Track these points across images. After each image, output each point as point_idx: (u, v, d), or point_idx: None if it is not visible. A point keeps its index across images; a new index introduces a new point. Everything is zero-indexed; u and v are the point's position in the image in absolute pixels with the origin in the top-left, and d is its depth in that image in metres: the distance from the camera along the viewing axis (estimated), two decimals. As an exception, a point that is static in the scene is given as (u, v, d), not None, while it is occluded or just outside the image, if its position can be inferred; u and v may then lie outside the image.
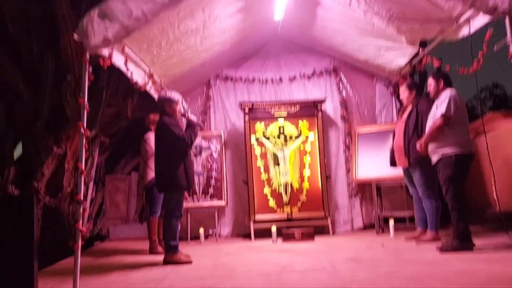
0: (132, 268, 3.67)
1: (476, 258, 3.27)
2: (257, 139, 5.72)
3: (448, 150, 3.70)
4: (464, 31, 3.85)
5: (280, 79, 6.20)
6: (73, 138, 4.95)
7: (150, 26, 3.49)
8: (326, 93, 6.06)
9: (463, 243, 3.55)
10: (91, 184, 5.43)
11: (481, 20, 3.55)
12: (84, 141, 3.08)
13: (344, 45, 5.58)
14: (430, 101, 4.42)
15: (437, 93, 3.92)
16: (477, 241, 3.63)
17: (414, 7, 3.82)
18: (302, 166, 5.69)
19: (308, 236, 4.95)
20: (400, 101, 4.86)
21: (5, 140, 4.82)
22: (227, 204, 5.71)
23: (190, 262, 3.77)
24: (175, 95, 4.05)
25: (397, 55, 5.03)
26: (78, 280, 2.75)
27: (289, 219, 5.47)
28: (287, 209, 5.56)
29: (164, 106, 4.00)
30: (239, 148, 5.86)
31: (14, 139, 4.95)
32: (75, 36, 3.19)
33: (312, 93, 6.09)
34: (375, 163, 5.66)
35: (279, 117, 5.74)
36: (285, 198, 5.59)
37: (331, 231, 5.38)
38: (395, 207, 5.58)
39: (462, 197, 3.66)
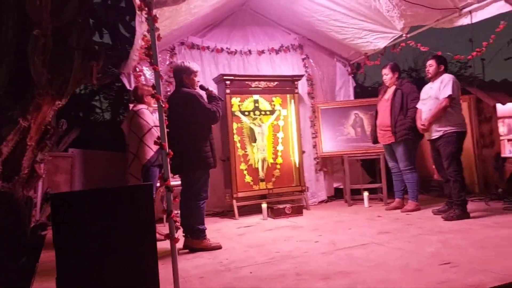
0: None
1: (483, 223, 3.77)
2: (233, 114, 5.50)
3: (450, 128, 4.12)
4: (460, 21, 4.27)
5: (249, 51, 6.02)
6: (39, 109, 4.09)
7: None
8: (294, 69, 6.11)
9: (464, 212, 4.04)
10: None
11: (484, 13, 3.97)
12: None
13: (315, 23, 5.66)
14: (413, 83, 4.85)
15: (436, 75, 4.29)
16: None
17: (427, -6, 4.07)
18: (275, 141, 5.69)
19: (298, 211, 5.04)
20: (382, 81, 5.15)
21: None
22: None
23: (220, 247, 3.54)
24: (194, 65, 3.67)
25: (378, 38, 5.31)
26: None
27: (263, 196, 5.46)
28: (262, 185, 5.53)
29: (183, 77, 3.59)
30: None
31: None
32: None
33: (281, 69, 6.07)
34: (337, 138, 6.03)
35: (255, 92, 5.59)
36: (261, 174, 5.55)
37: (308, 205, 5.56)
38: (352, 181, 5.98)
39: (462, 171, 4.14)
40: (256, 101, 5.61)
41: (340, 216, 4.81)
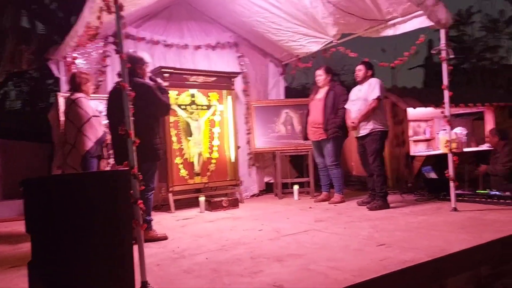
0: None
1: (401, 212, 4.29)
2: (169, 107, 5.47)
3: (376, 127, 4.60)
4: (386, 32, 4.78)
5: (186, 46, 6.04)
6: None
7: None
8: (229, 67, 6.26)
9: (386, 203, 4.54)
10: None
11: (407, 26, 4.50)
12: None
13: (253, 23, 5.88)
14: (343, 86, 5.31)
15: (365, 79, 4.75)
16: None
17: (359, 5, 4.50)
18: (211, 136, 5.79)
19: (234, 203, 5.21)
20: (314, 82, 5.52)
21: None
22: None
23: (166, 238, 3.57)
24: (146, 56, 3.65)
25: (311, 42, 5.68)
26: None
27: (198, 190, 5.54)
28: (198, 179, 5.60)
29: (136, 67, 3.56)
30: (147, 115, 5.49)
31: None
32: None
33: (217, 65, 6.17)
34: (269, 135, 6.33)
35: (193, 86, 5.63)
36: (197, 168, 5.62)
37: (242, 199, 5.75)
38: (282, 176, 6.28)
39: (384, 166, 4.64)
40: (192, 95, 5.65)
41: (275, 207, 5.08)
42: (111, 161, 5.01)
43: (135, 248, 2.15)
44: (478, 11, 20.14)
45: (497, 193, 4.45)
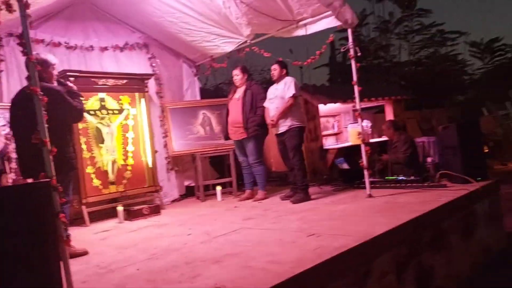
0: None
1: (323, 202, 4.49)
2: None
3: (294, 124, 4.75)
4: (297, 32, 4.97)
5: (91, 47, 5.66)
6: None
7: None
8: (141, 68, 6.02)
9: (307, 195, 4.71)
10: None
11: (317, 26, 4.72)
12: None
13: (164, 24, 5.72)
14: (259, 85, 5.42)
15: (280, 78, 4.89)
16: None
17: (271, 6, 4.61)
18: (125, 142, 5.51)
19: (155, 210, 5.01)
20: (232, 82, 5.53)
21: None
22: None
23: (86, 253, 3.31)
24: (51, 58, 3.35)
25: (225, 42, 5.68)
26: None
27: (114, 200, 5.24)
28: (113, 188, 5.30)
29: (40, 71, 3.22)
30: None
31: None
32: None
33: (127, 67, 5.90)
34: (187, 137, 6.22)
35: (102, 90, 5.30)
36: (111, 177, 5.31)
37: (163, 205, 5.56)
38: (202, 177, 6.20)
39: (303, 160, 4.82)
40: (102, 100, 5.32)
41: (199, 210, 4.98)
42: (13, 175, 4.54)
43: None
44: (371, 13, 22.02)
45: (404, 178, 4.87)
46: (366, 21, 20.57)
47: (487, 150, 12.80)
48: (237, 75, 5.33)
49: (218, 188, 5.71)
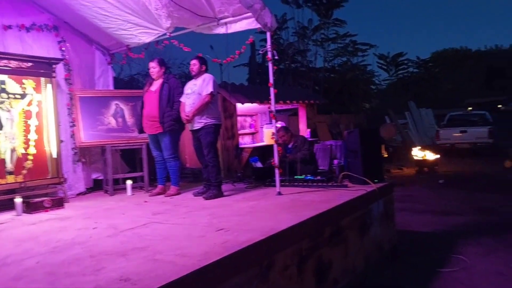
0: None
1: (235, 199, 4.61)
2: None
3: (210, 121, 4.80)
4: (218, 30, 5.03)
5: (-9, 25, 5.17)
6: None
7: None
8: (49, 52, 5.63)
9: (220, 192, 4.79)
10: None
11: (237, 26, 4.83)
12: None
13: (77, 7, 5.43)
14: (177, 79, 5.39)
15: (199, 73, 4.90)
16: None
17: (193, 1, 4.62)
18: (27, 129, 5.12)
19: (58, 203, 4.74)
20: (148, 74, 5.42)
21: None
22: None
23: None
24: None
25: (143, 33, 5.53)
26: None
27: (12, 191, 4.86)
28: (11, 178, 4.90)
29: None
30: None
31: None
32: None
33: (33, 49, 5.48)
34: (98, 128, 5.96)
35: (3, 72, 4.87)
36: (9, 166, 4.91)
37: (67, 197, 5.26)
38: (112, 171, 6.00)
39: (218, 157, 4.88)
40: (2, 82, 4.89)
41: (107, 204, 4.80)
42: None
43: None
44: (291, 18, 22.83)
45: (311, 177, 5.17)
46: (286, 25, 21.31)
47: (386, 155, 14.03)
48: (154, 68, 5.23)
49: (128, 182, 5.55)
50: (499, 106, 24.64)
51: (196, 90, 4.85)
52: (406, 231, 5.64)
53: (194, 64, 4.89)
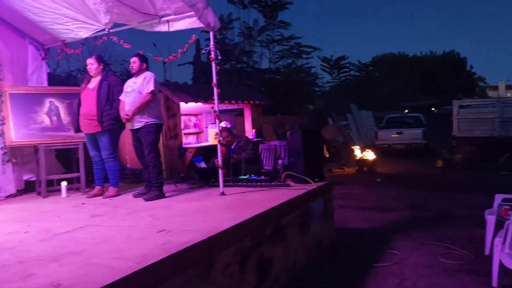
0: None
1: (177, 200, 4.55)
2: None
3: (151, 120, 4.70)
4: (159, 28, 4.93)
5: None
6: None
7: None
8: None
9: (162, 193, 4.69)
10: None
11: (179, 24, 4.77)
12: None
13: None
14: (116, 76, 5.24)
15: (139, 72, 4.78)
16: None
17: (133, -3, 4.49)
18: (-50, 127, 4.74)
19: (-15, 207, 4.42)
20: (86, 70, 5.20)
21: None
22: None
23: None
24: None
25: (80, 27, 5.29)
26: None
27: None
28: None
29: None
30: None
31: None
32: None
33: (-43, 41, 5.07)
34: (30, 127, 5.63)
35: None
36: None
37: (-4, 200, 4.92)
38: (46, 172, 5.70)
39: (159, 157, 4.79)
40: None
41: (41, 207, 4.55)
42: None
43: None
44: (237, 18, 22.91)
45: (255, 177, 5.22)
46: (232, 25, 21.35)
47: (328, 156, 14.50)
48: (92, 64, 5.03)
49: (63, 184, 5.28)
50: (433, 109, 26.29)
51: (137, 88, 4.72)
52: (345, 227, 5.86)
53: (134, 62, 4.76)
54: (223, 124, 7.04)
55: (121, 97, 4.87)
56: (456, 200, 7.54)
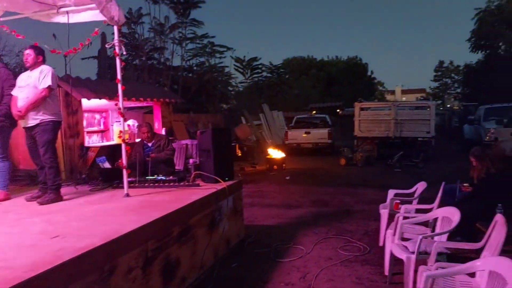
0: None
1: (77, 203, 4.28)
2: None
3: (47, 117, 4.35)
4: (58, 19, 4.60)
5: None
6: None
7: None
8: None
9: (59, 196, 4.35)
10: None
11: (81, 17, 4.49)
12: None
13: None
14: (7, 69, 4.79)
15: (35, 65, 4.40)
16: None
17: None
18: None
19: None
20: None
21: None
22: None
23: None
24: None
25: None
26: None
27: None
28: None
29: None
30: None
31: None
32: None
33: None
34: None
35: None
36: None
37: None
38: None
39: (56, 157, 4.45)
40: None
41: None
42: None
43: None
44: (147, 13, 22.17)
45: (163, 178, 5.10)
46: (142, 20, 20.65)
47: (240, 154, 14.71)
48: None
49: None
50: (338, 110, 27.97)
51: (32, 82, 4.34)
52: (253, 225, 5.99)
53: (29, 54, 4.37)
54: (130, 122, 6.81)
55: (14, 92, 4.44)
56: (356, 196, 8.12)
